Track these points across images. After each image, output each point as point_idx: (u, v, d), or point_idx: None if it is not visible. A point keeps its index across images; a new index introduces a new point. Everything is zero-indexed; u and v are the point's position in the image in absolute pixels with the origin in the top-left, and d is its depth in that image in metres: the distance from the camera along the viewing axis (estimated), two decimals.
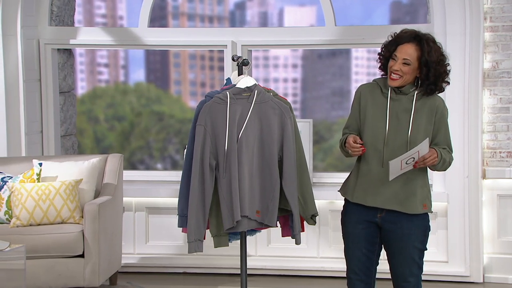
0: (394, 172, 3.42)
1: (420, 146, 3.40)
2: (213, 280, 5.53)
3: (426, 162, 3.42)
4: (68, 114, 6.18)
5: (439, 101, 3.53)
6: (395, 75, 3.48)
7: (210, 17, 6.73)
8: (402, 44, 3.49)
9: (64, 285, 4.95)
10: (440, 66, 3.47)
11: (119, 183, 5.36)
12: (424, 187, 3.55)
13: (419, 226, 3.54)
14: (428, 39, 3.49)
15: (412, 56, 3.46)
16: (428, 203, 3.56)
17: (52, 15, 5.95)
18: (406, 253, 3.56)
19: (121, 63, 7.15)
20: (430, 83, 3.48)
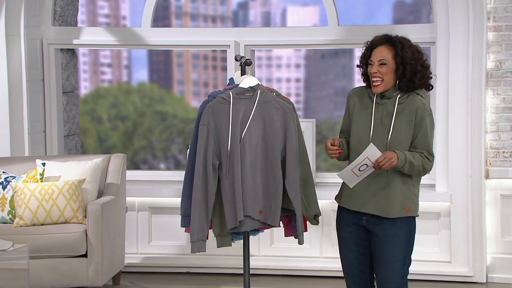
0: (350, 180, 3.42)
1: (366, 152, 3.38)
2: (216, 280, 5.54)
3: (382, 166, 3.38)
4: (71, 114, 6.18)
5: (419, 104, 3.50)
6: (375, 78, 3.50)
7: (213, 17, 6.73)
8: (376, 48, 3.53)
9: (67, 284, 4.95)
10: (416, 63, 3.48)
11: (122, 183, 5.37)
12: (407, 190, 3.51)
13: (401, 231, 3.50)
14: (400, 38, 3.53)
15: (387, 56, 3.49)
16: (412, 206, 3.52)
17: (56, 15, 5.95)
18: (387, 258, 3.52)
19: (124, 63, 7.16)
20: (407, 80, 3.48)
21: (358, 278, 3.62)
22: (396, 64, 3.49)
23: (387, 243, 3.51)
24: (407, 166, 3.43)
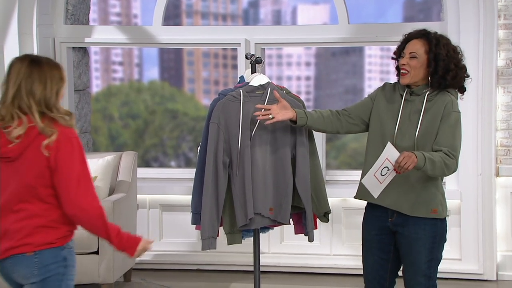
0: (374, 188, 3.32)
1: (385, 152, 3.28)
2: (227, 277, 5.54)
3: (403, 166, 3.25)
4: (83, 112, 6.19)
5: (448, 100, 3.43)
6: (403, 70, 3.46)
7: (223, 15, 6.73)
8: (411, 41, 3.49)
9: (79, 281, 4.93)
10: (450, 61, 3.42)
11: (133, 181, 5.37)
12: (436, 191, 3.45)
13: (427, 231, 3.43)
14: (437, 35, 3.47)
15: (419, 50, 3.44)
16: (439, 208, 3.44)
17: (68, 13, 5.96)
18: (412, 260, 3.46)
19: (135, 61, 7.17)
20: (439, 77, 3.42)
21: (377, 282, 3.57)
22: (428, 59, 3.43)
23: (412, 244, 3.45)
24: (429, 164, 3.29)
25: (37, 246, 2.95)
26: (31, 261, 2.96)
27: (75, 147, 2.92)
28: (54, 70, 3.00)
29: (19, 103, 2.93)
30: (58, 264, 2.98)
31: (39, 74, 2.96)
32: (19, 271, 2.97)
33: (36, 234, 2.95)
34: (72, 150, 2.92)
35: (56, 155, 2.89)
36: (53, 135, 2.89)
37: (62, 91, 3.00)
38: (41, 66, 2.97)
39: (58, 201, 2.94)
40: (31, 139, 2.90)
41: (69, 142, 2.92)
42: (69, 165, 2.90)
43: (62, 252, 2.99)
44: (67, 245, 3.01)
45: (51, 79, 2.97)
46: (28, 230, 2.95)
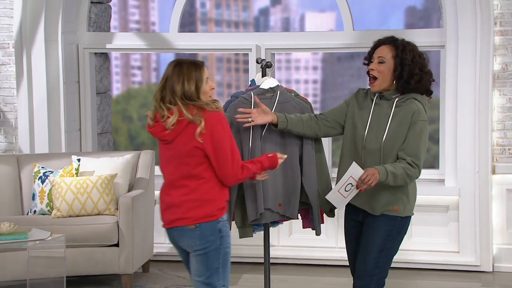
0: (338, 202, 3.36)
1: (350, 171, 3.31)
2: (238, 269, 5.55)
3: (366, 182, 3.30)
4: (104, 114, 6.24)
5: (415, 109, 3.39)
6: (371, 75, 3.45)
7: (236, 23, 6.76)
8: (379, 47, 3.49)
9: (100, 272, 4.99)
10: (414, 66, 3.41)
11: (151, 178, 5.40)
12: (400, 193, 3.45)
13: (382, 225, 3.45)
14: (404, 41, 3.47)
15: (387, 55, 3.43)
16: (401, 207, 3.45)
17: (90, 21, 6.01)
18: (364, 248, 3.50)
19: (153, 66, 7.20)
20: (404, 81, 3.41)
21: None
22: (395, 64, 3.42)
23: (367, 234, 3.49)
24: (391, 177, 3.33)
25: (197, 220, 3.22)
26: (193, 233, 3.24)
27: (225, 127, 3.22)
28: (192, 69, 3.24)
29: (165, 99, 3.23)
30: (215, 236, 3.24)
31: (178, 74, 3.23)
32: (184, 241, 3.28)
33: (196, 209, 3.23)
34: (223, 130, 3.21)
35: (211, 138, 3.18)
36: (202, 123, 3.17)
37: (203, 86, 3.25)
38: (181, 67, 3.24)
39: (213, 176, 3.22)
40: (183, 126, 3.20)
41: (219, 124, 3.21)
42: (224, 145, 3.20)
43: (217, 225, 3.26)
44: (221, 218, 3.26)
45: (188, 77, 3.21)
46: (189, 204, 3.23)
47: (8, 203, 5.29)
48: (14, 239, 4.37)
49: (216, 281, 3.30)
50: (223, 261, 3.29)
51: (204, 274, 3.29)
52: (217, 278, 3.29)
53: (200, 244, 3.25)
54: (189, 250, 3.31)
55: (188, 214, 3.24)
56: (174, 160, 3.25)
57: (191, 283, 5.22)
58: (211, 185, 3.24)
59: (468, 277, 5.34)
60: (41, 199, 5.17)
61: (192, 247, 3.28)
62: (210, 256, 3.27)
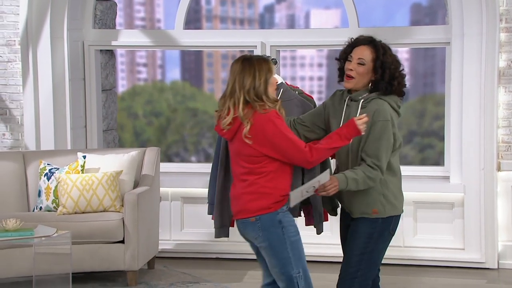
0: (295, 199, 3.36)
1: (320, 176, 3.33)
2: (244, 265, 5.56)
3: (326, 190, 3.32)
4: (109, 110, 6.24)
5: (375, 108, 3.36)
6: (348, 74, 3.43)
7: (241, 20, 6.76)
8: (358, 46, 3.45)
9: (106, 268, 5.01)
10: (395, 69, 3.40)
11: (156, 175, 5.41)
12: (374, 193, 3.43)
13: (365, 227, 3.44)
14: (383, 44, 3.45)
15: (367, 57, 3.40)
16: (380, 208, 3.43)
17: (96, 18, 6.01)
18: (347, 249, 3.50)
19: (158, 62, 7.21)
20: (386, 83, 3.39)
21: None
22: (374, 67, 3.40)
23: (349, 237, 3.50)
24: (352, 183, 3.33)
25: (255, 212, 3.36)
26: (255, 226, 3.37)
27: (276, 123, 3.29)
28: (263, 63, 3.35)
29: (233, 96, 3.32)
30: (275, 227, 3.35)
31: (249, 68, 3.33)
32: (249, 234, 3.42)
33: (253, 202, 3.36)
34: (275, 126, 3.29)
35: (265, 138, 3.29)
36: (248, 125, 3.29)
37: (271, 80, 3.34)
38: (251, 62, 3.33)
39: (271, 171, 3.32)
40: (237, 125, 3.33)
41: (269, 123, 3.29)
42: (280, 140, 3.29)
43: (277, 216, 3.35)
44: (280, 209, 3.36)
45: (259, 70, 3.31)
46: (247, 197, 3.37)
47: (14, 200, 5.30)
48: (20, 235, 4.38)
49: (290, 270, 3.39)
50: (292, 250, 3.38)
51: (277, 265, 3.40)
52: (290, 267, 3.38)
53: (263, 236, 3.36)
54: (256, 242, 3.42)
55: (246, 206, 3.38)
56: (236, 156, 3.41)
57: (196, 279, 5.24)
58: (268, 179, 3.34)
59: (473, 274, 5.33)
60: (46, 196, 5.18)
61: (257, 239, 3.40)
62: (276, 247, 3.36)
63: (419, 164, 6.22)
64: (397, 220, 3.51)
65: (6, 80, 5.87)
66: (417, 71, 6.56)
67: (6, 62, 5.86)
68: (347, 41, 3.52)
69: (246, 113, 3.30)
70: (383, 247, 3.51)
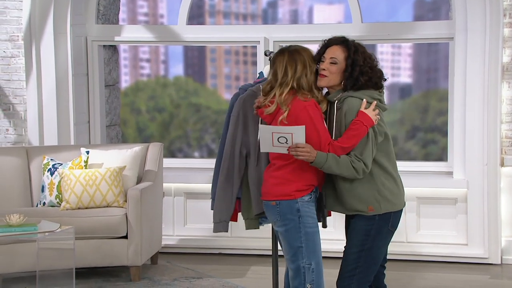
0: (264, 143, 3.34)
1: (295, 129, 3.31)
2: (246, 261, 5.57)
3: (297, 151, 3.31)
4: (112, 106, 6.25)
5: (346, 108, 3.41)
6: (321, 73, 3.46)
7: (244, 15, 6.75)
8: (331, 46, 3.50)
9: (109, 263, 5.02)
10: (365, 66, 3.43)
11: (160, 170, 5.41)
12: (370, 190, 3.44)
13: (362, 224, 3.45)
14: (355, 43, 3.49)
15: (339, 56, 3.45)
16: (376, 205, 3.43)
17: (99, 14, 6.01)
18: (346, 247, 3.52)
19: (161, 58, 7.20)
20: (354, 79, 3.42)
21: None
22: (346, 65, 3.44)
23: (348, 235, 3.53)
24: (332, 161, 3.34)
25: (276, 196, 3.41)
26: (274, 210, 3.46)
27: (311, 112, 3.36)
28: (304, 55, 3.44)
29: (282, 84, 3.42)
30: (293, 214, 3.41)
31: (300, 60, 3.43)
32: (269, 216, 3.51)
33: (276, 186, 3.44)
34: (308, 115, 3.36)
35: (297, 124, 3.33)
36: (286, 112, 3.38)
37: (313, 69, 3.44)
38: (299, 54, 3.42)
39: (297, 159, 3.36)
40: (277, 110, 3.42)
41: (304, 110, 3.36)
42: (310, 127, 3.35)
43: (296, 205, 3.41)
44: (301, 198, 3.41)
45: (310, 63, 3.44)
46: (271, 181, 3.47)
47: (18, 195, 5.31)
48: (24, 231, 4.39)
49: (300, 260, 3.44)
50: (306, 240, 3.42)
51: (289, 252, 3.47)
52: (301, 256, 3.44)
53: (281, 221, 3.44)
54: (274, 226, 3.51)
55: (270, 189, 3.46)
56: None
57: (199, 275, 5.25)
58: (293, 167, 3.41)
59: (477, 270, 5.33)
60: (50, 191, 5.19)
61: (275, 223, 3.49)
62: (291, 234, 3.43)
63: (422, 159, 6.21)
64: (397, 216, 3.51)
65: (9, 76, 5.88)
66: (421, 66, 6.54)
67: (10, 57, 5.86)
68: (321, 43, 3.56)
69: (286, 99, 3.39)
70: (382, 244, 3.51)
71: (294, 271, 3.47)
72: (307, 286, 3.45)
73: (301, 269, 3.45)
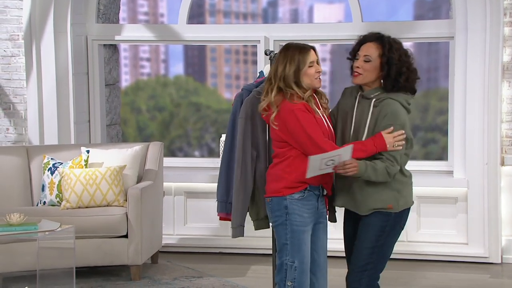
0: (312, 170, 3.32)
1: (343, 150, 3.30)
2: (247, 260, 5.57)
3: (345, 169, 3.30)
4: (113, 105, 6.25)
5: (388, 111, 3.37)
6: (355, 72, 3.43)
7: (244, 14, 6.74)
8: (365, 43, 3.45)
9: (109, 263, 5.01)
10: (402, 65, 3.38)
11: (160, 169, 5.41)
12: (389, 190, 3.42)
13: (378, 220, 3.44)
14: (391, 39, 3.44)
15: (373, 54, 3.40)
16: (394, 204, 3.43)
17: (99, 13, 6.01)
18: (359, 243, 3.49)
19: (161, 57, 7.20)
20: (392, 79, 3.38)
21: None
22: (381, 63, 3.39)
23: (361, 231, 3.50)
24: (371, 171, 3.33)
25: (270, 193, 3.45)
26: (268, 206, 3.51)
27: (299, 117, 3.36)
28: (296, 52, 3.41)
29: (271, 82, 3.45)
30: (281, 211, 3.43)
31: (284, 56, 3.43)
32: (267, 212, 3.55)
33: (270, 183, 3.49)
34: (297, 120, 3.36)
35: (286, 127, 3.38)
36: (275, 112, 3.41)
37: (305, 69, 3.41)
38: (287, 50, 3.42)
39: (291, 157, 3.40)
40: (270, 111, 3.44)
41: (292, 114, 3.37)
42: (299, 131, 3.36)
43: (284, 201, 3.43)
44: (290, 196, 3.42)
45: (291, 59, 3.38)
46: (269, 178, 3.51)
47: (18, 194, 5.30)
48: (24, 230, 4.39)
49: (284, 256, 3.46)
50: (291, 238, 3.43)
51: (277, 247, 3.51)
52: (285, 253, 3.46)
53: (272, 217, 3.49)
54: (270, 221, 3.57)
55: (267, 186, 3.53)
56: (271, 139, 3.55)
57: (199, 274, 5.24)
58: (286, 164, 3.43)
59: (477, 269, 5.33)
60: (50, 190, 5.19)
61: (270, 219, 3.56)
62: (279, 231, 3.46)
63: (422, 158, 6.21)
64: (407, 213, 3.53)
65: (9, 75, 5.88)
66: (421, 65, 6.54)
67: (10, 56, 5.86)
68: (356, 39, 3.52)
69: (276, 100, 3.41)
70: (392, 241, 3.52)
71: (278, 267, 3.51)
72: (287, 283, 3.46)
73: (283, 265, 3.46)
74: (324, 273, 3.64)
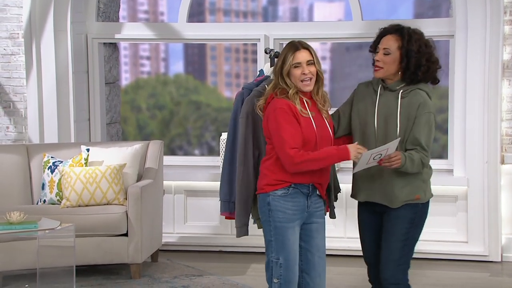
0: (360, 164, 3.31)
1: (391, 144, 3.28)
2: (247, 258, 5.57)
3: (391, 161, 3.29)
4: (113, 104, 6.25)
5: (420, 101, 3.36)
6: (376, 65, 3.42)
7: (244, 13, 6.74)
8: (385, 36, 3.44)
9: (110, 261, 5.02)
10: (421, 56, 3.36)
11: (160, 168, 5.41)
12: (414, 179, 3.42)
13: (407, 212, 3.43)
14: (410, 30, 3.41)
15: (392, 46, 3.38)
16: (422, 194, 3.44)
17: (99, 11, 6.01)
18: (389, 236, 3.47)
19: (161, 56, 7.20)
20: (411, 73, 3.37)
21: (375, 261, 3.58)
22: (401, 55, 3.37)
23: (390, 224, 3.46)
24: (409, 163, 3.33)
25: (258, 190, 3.51)
26: (257, 202, 3.53)
27: (277, 115, 3.34)
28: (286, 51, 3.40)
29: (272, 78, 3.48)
30: (265, 208, 3.44)
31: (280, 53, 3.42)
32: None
33: (259, 180, 3.49)
34: (275, 119, 3.35)
35: (268, 124, 3.39)
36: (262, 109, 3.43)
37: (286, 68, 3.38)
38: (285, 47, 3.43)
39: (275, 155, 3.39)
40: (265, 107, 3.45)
41: (273, 112, 3.37)
42: (275, 132, 3.35)
43: (267, 198, 3.42)
44: (273, 192, 3.40)
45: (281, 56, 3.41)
46: (259, 175, 3.51)
47: (18, 193, 5.31)
48: (24, 228, 4.39)
49: (270, 253, 3.46)
50: (275, 235, 3.42)
51: (265, 245, 3.51)
52: (270, 250, 3.46)
53: (260, 214, 3.49)
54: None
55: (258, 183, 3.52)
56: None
57: (199, 272, 5.24)
58: (271, 162, 3.43)
59: (477, 267, 5.33)
60: (50, 189, 5.19)
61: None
62: (264, 227, 3.48)
63: None
64: (429, 204, 3.53)
65: (9, 73, 5.88)
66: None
67: (10, 55, 5.86)
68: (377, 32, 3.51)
69: (266, 93, 3.44)
70: (420, 233, 3.52)
71: (266, 264, 3.51)
72: (274, 280, 3.45)
73: (270, 262, 3.46)
74: (320, 273, 3.58)
